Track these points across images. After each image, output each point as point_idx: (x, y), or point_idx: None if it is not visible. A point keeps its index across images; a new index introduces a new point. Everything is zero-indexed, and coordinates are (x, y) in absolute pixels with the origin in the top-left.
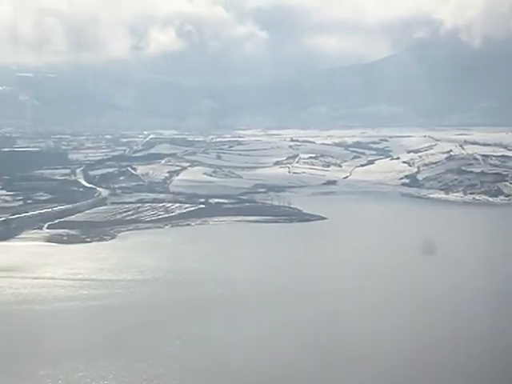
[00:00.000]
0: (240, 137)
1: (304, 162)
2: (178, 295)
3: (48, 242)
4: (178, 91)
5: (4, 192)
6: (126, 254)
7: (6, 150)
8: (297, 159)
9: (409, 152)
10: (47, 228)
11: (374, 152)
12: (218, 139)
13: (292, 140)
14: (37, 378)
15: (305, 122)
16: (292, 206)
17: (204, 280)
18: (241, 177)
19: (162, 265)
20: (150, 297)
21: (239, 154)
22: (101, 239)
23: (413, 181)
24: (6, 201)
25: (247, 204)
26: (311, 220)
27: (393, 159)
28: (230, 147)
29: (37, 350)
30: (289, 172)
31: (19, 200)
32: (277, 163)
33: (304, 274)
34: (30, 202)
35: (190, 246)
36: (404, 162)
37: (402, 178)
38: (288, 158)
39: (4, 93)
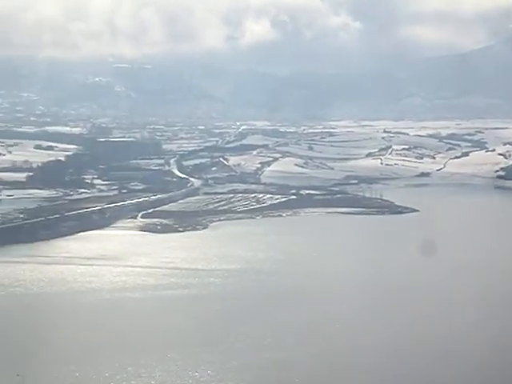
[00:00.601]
0: (332, 128)
1: (397, 154)
2: (270, 286)
3: (142, 231)
4: (271, 81)
5: (100, 181)
6: (218, 243)
7: (102, 140)
8: (389, 151)
9: (505, 144)
10: (141, 217)
11: (469, 144)
12: (310, 130)
13: (385, 131)
14: (134, 368)
15: (398, 114)
16: (384, 197)
17: (298, 271)
18: (332, 168)
19: (254, 255)
20: (241, 287)
21: (331, 145)
22: (193, 229)
23: (509, 173)
24: (102, 190)
25: (338, 195)
26: (403, 212)
27: (488, 151)
28: (322, 138)
29: (129, 339)
30: (381, 164)
31: (114, 189)
32: (369, 155)
33: (400, 268)
34: (124, 191)
35: (281, 236)
36: (500, 154)
37: (497, 171)
38: (380, 149)
39: (100, 84)
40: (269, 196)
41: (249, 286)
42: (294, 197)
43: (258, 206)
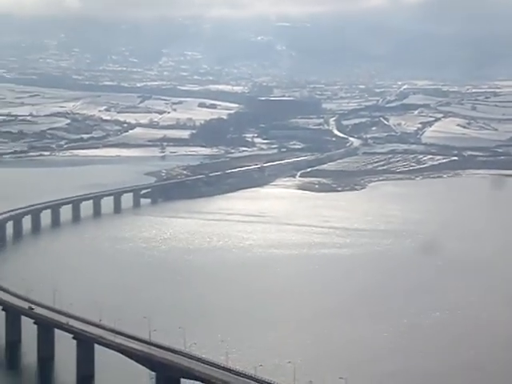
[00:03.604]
0: (497, 88)
1: None
2: (426, 249)
3: (300, 189)
4: (435, 40)
5: (260, 140)
6: (376, 204)
7: (262, 98)
8: None
9: None
10: (300, 176)
11: None
12: (474, 90)
13: None
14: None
15: None
16: None
17: (456, 235)
18: (496, 129)
19: (411, 216)
20: (397, 248)
21: (496, 106)
22: (351, 189)
23: None
24: (262, 148)
25: (502, 157)
26: None
27: None
28: (487, 98)
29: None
30: None
31: (274, 148)
32: None
33: None
34: (284, 150)
35: (440, 198)
36: None
37: None
38: None
39: (262, 42)
40: (429, 157)
41: (407, 248)
42: (455, 158)
43: (418, 166)
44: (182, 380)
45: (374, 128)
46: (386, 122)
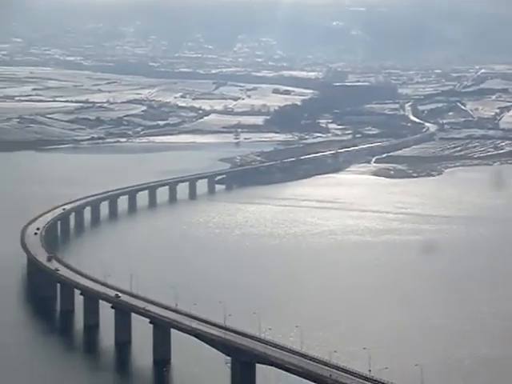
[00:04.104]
0: None
1: None
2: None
3: (375, 175)
4: None
5: (334, 126)
6: (452, 190)
7: (337, 84)
8: None
9: None
10: (375, 162)
11: None
12: None
13: None
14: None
15: None
16: None
17: None
18: None
19: (489, 202)
20: (472, 235)
21: None
22: (427, 175)
23: None
24: (336, 134)
25: None
26: None
27: None
28: None
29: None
30: None
31: (348, 134)
32: None
33: None
34: (358, 135)
35: None
36: None
37: None
38: None
39: (337, 28)
40: (507, 142)
41: (479, 235)
42: None
43: (496, 152)
44: (258, 365)
45: (450, 113)
46: (462, 107)
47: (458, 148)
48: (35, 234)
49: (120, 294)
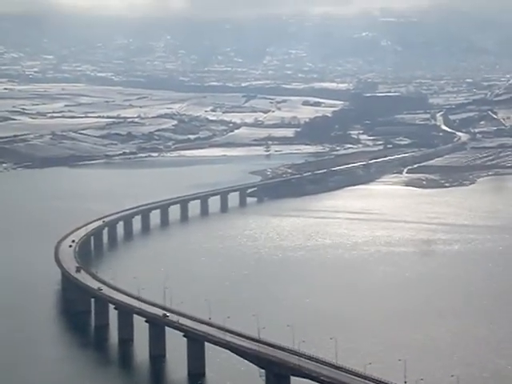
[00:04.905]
0: None
1: None
2: None
3: (407, 186)
4: None
5: (365, 137)
6: (485, 199)
7: (367, 95)
8: None
9: None
10: (406, 172)
11: None
12: None
13: None
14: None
15: None
16: None
17: None
18: None
19: None
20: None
21: None
22: (460, 184)
23: None
24: (367, 145)
25: None
26: None
27: None
28: None
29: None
30: None
31: (379, 144)
32: None
33: None
34: (390, 146)
35: None
36: None
37: None
38: None
39: (367, 38)
40: None
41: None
42: None
43: None
44: (292, 377)
45: (482, 122)
46: (494, 116)
47: (490, 157)
48: (70, 246)
49: (168, 314)
